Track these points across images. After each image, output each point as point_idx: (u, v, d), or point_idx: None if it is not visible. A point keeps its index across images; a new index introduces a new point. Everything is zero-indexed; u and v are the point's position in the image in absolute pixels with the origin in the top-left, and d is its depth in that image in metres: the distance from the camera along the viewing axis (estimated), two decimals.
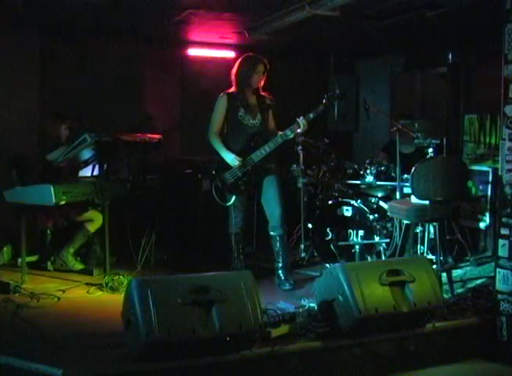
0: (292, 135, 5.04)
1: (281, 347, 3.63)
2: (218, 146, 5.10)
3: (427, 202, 4.65)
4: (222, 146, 5.09)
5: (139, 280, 3.51)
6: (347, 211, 5.70)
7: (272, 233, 5.15)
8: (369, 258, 5.47)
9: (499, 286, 4.21)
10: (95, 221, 5.56)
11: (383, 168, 5.79)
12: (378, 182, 5.78)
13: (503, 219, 4.20)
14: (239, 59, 5.15)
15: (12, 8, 5.16)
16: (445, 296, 4.49)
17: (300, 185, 6.00)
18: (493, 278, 4.35)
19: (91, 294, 4.85)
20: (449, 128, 7.05)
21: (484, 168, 6.47)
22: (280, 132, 5.05)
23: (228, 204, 5.12)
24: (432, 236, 4.98)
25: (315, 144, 6.06)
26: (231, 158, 5.04)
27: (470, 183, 6.43)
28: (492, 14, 4.50)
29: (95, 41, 6.79)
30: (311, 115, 4.99)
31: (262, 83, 5.14)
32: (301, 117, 4.96)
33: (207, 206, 5.36)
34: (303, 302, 4.44)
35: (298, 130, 4.98)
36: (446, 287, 4.74)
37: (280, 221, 5.10)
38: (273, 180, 5.13)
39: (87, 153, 5.00)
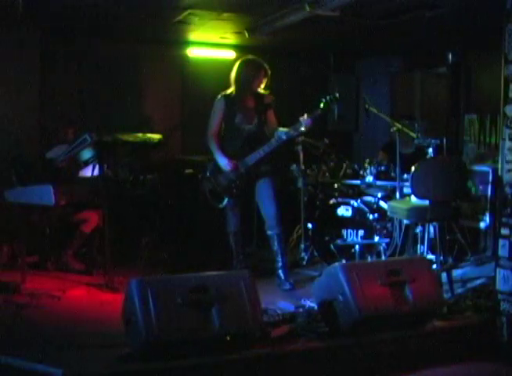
0: (289, 137, 5.02)
1: (281, 347, 3.63)
2: (214, 149, 5.11)
3: (427, 202, 4.66)
4: (218, 149, 5.09)
5: (139, 280, 3.50)
6: (347, 211, 5.70)
7: (269, 233, 5.15)
8: (369, 258, 5.47)
9: (499, 286, 4.21)
10: (89, 221, 5.57)
11: (383, 168, 5.79)
12: (378, 182, 5.78)
13: (503, 219, 4.20)
14: (240, 63, 5.11)
15: (12, 8, 5.15)
16: (445, 296, 4.49)
17: (300, 185, 6.00)
18: (493, 278, 4.35)
19: (91, 294, 4.86)
20: (449, 128, 7.06)
21: (485, 168, 6.48)
22: (281, 129, 5.00)
23: (221, 206, 5.13)
24: (432, 236, 4.98)
25: (315, 144, 6.06)
26: (224, 162, 5.05)
27: (470, 183, 6.43)
28: (492, 14, 4.50)
29: (95, 41, 6.80)
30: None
31: (263, 86, 5.13)
32: (305, 116, 4.91)
33: (207, 206, 5.36)
34: (303, 302, 4.44)
35: (302, 128, 4.94)
36: (446, 287, 4.74)
37: (276, 219, 5.10)
38: (268, 182, 5.12)
39: (87, 153, 5.00)
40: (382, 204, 5.72)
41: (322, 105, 5.03)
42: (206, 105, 5.27)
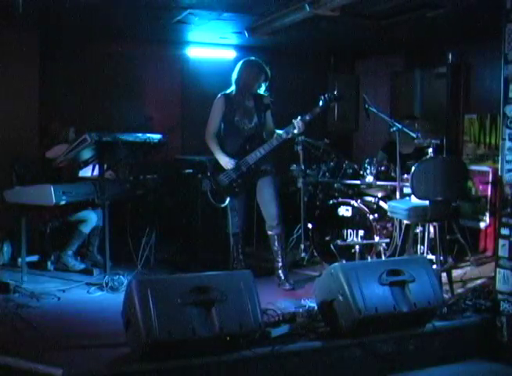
0: (289, 136, 5.05)
1: (281, 347, 3.63)
2: (214, 148, 5.12)
3: (427, 202, 4.66)
4: (218, 148, 5.10)
5: (139, 280, 3.51)
6: (347, 211, 5.70)
7: (269, 233, 5.16)
8: (369, 258, 5.47)
9: (499, 286, 4.21)
10: (88, 221, 5.57)
11: (383, 168, 5.79)
12: (378, 182, 5.78)
13: (503, 219, 4.20)
14: (242, 64, 5.12)
15: (12, 8, 5.15)
16: (445, 296, 4.49)
17: (300, 185, 6.00)
18: (493, 278, 4.35)
19: (91, 294, 4.86)
20: (449, 128, 7.06)
21: (485, 168, 6.48)
22: (278, 131, 5.06)
23: (223, 205, 5.13)
24: (432, 236, 4.98)
25: (315, 144, 6.06)
26: (225, 161, 5.05)
27: (470, 183, 6.44)
28: (492, 14, 4.50)
29: (95, 41, 6.80)
30: (307, 117, 5.00)
31: (263, 88, 5.14)
32: (298, 119, 4.97)
33: (207, 206, 5.37)
34: (303, 302, 4.44)
35: (295, 131, 4.99)
36: (446, 287, 4.74)
37: (277, 220, 5.11)
38: (269, 181, 5.13)
39: (87, 153, 5.00)
40: (382, 204, 5.72)
41: (320, 103, 5.05)
42: (206, 105, 5.27)
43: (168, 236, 5.94)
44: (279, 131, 5.05)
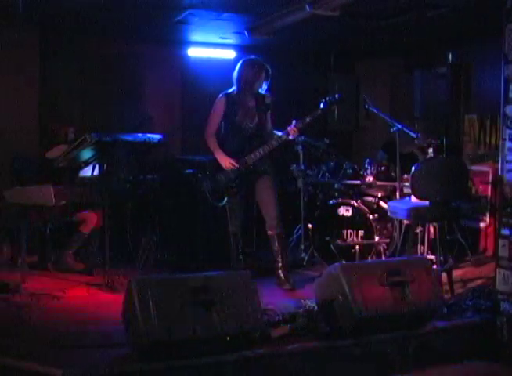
0: (289, 138, 5.06)
1: (281, 347, 3.63)
2: (213, 147, 5.13)
3: (427, 202, 4.65)
4: (217, 148, 5.11)
5: (139, 280, 3.50)
6: (347, 211, 5.70)
7: (269, 233, 5.15)
8: (369, 258, 5.47)
9: (499, 286, 4.21)
10: (88, 222, 5.57)
11: (383, 168, 5.79)
12: (378, 182, 5.78)
13: (503, 219, 4.20)
14: (242, 63, 5.12)
15: (12, 8, 5.16)
16: (445, 296, 4.49)
17: (300, 185, 6.00)
18: (493, 278, 4.35)
19: (91, 294, 4.86)
20: (449, 128, 7.05)
21: (485, 168, 6.48)
22: (276, 134, 5.06)
23: (221, 204, 5.14)
24: (432, 236, 4.98)
25: (315, 144, 6.06)
26: (224, 160, 5.05)
27: (470, 183, 6.43)
28: (492, 14, 4.51)
29: (95, 41, 6.80)
30: (307, 119, 5.00)
31: (264, 87, 5.14)
32: (292, 125, 4.97)
33: (207, 206, 5.37)
34: (303, 302, 4.44)
35: (290, 137, 5.01)
36: (446, 287, 4.74)
37: (277, 219, 5.11)
38: (268, 181, 5.13)
39: (87, 153, 5.00)
40: (382, 204, 5.72)
41: (322, 105, 5.05)
42: (206, 105, 5.27)
43: (168, 236, 5.94)
44: (278, 133, 5.06)
